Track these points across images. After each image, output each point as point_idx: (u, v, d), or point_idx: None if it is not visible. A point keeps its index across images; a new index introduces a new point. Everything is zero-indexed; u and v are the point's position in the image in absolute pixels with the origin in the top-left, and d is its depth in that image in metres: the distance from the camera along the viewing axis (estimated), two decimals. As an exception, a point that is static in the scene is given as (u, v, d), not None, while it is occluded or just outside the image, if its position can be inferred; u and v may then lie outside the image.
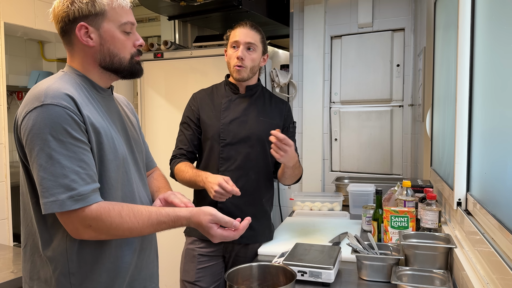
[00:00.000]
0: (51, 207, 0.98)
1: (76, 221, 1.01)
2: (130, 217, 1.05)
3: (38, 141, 0.99)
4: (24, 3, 2.55)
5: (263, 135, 1.76)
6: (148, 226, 1.07)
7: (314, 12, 2.91)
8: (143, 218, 1.07)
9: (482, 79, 1.27)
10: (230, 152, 1.76)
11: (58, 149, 0.99)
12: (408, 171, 2.78)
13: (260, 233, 1.83)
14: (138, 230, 1.07)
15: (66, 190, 0.98)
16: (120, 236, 1.08)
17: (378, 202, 1.76)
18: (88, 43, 1.11)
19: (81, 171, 1.01)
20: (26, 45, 4.28)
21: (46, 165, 0.98)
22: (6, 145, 2.49)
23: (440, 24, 1.94)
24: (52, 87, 1.04)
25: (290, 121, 1.91)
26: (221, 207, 1.76)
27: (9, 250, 1.96)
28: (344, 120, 2.93)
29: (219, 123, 1.77)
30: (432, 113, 2.09)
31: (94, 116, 1.08)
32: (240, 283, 1.28)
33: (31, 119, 1.00)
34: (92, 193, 1.02)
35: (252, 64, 1.77)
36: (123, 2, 1.13)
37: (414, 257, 1.39)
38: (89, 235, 1.05)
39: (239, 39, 1.75)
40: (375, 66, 2.83)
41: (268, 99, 1.88)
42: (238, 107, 1.80)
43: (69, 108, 1.02)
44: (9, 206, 2.48)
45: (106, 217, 1.03)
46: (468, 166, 1.39)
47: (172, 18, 3.09)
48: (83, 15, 1.09)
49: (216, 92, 1.86)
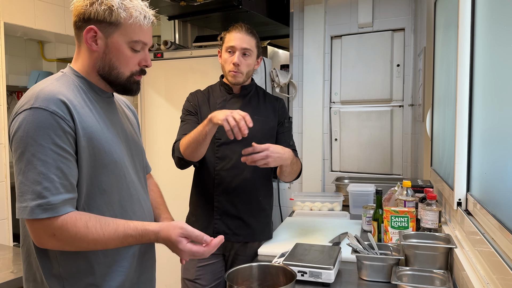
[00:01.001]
0: (22, 213, 0.98)
1: (41, 229, 0.99)
2: (96, 228, 1.02)
3: (21, 144, 0.98)
4: (24, 3, 2.55)
5: (258, 134, 1.76)
6: (113, 238, 1.04)
7: (314, 12, 2.91)
8: (110, 230, 1.03)
9: (482, 79, 1.27)
10: (226, 151, 1.77)
11: (37, 154, 0.97)
12: (408, 171, 2.78)
13: (258, 231, 1.83)
14: (103, 242, 1.03)
15: (37, 198, 0.97)
16: (84, 248, 1.04)
17: (378, 202, 1.76)
18: (92, 47, 1.10)
19: (56, 179, 0.98)
20: (26, 45, 4.28)
21: (25, 170, 0.98)
22: (6, 145, 2.49)
23: (440, 24, 1.94)
24: (45, 90, 1.02)
25: (285, 116, 1.92)
26: (218, 206, 1.77)
27: (9, 250, 1.96)
28: (344, 120, 2.93)
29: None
30: (432, 113, 2.09)
31: (88, 120, 1.07)
32: (240, 283, 1.28)
33: (18, 121, 1.00)
34: (62, 204, 0.99)
35: (248, 69, 1.79)
36: (142, 21, 1.11)
37: (414, 257, 1.39)
38: (53, 245, 1.01)
39: (235, 45, 1.75)
40: (375, 66, 2.83)
41: (262, 97, 1.89)
42: (233, 107, 1.80)
43: (57, 113, 1.00)
44: (9, 206, 2.48)
45: (72, 227, 1.00)
46: (468, 166, 1.39)
47: (172, 18, 3.09)
48: (97, 19, 1.08)
49: (212, 93, 1.88)
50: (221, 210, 1.79)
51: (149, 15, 1.13)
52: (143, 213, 1.22)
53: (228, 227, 1.78)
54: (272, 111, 1.88)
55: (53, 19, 2.71)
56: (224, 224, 1.78)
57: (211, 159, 1.78)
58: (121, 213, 1.14)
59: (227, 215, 1.79)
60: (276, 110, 1.89)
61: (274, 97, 1.93)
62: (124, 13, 1.08)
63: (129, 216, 1.16)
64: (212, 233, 1.78)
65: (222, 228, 1.78)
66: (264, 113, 1.85)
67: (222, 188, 1.78)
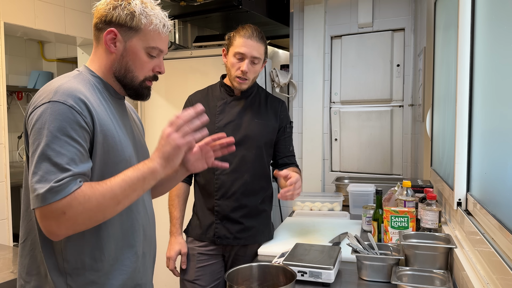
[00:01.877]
0: (35, 203, 0.97)
1: (50, 214, 0.97)
2: (101, 185, 1.01)
3: (38, 136, 1.00)
4: (24, 3, 2.55)
5: (258, 137, 1.76)
6: (120, 184, 1.02)
7: (314, 12, 2.91)
8: (115, 180, 1.02)
9: (482, 79, 1.27)
10: (225, 155, 1.73)
11: (52, 145, 0.98)
12: (408, 171, 2.78)
13: (259, 233, 1.83)
14: (112, 193, 1.01)
15: (48, 185, 0.96)
16: (96, 209, 1.00)
17: (378, 202, 1.76)
18: (110, 48, 1.13)
19: (72, 169, 0.98)
20: (26, 45, 4.29)
21: (39, 160, 0.98)
22: (6, 145, 2.49)
23: (440, 24, 1.94)
24: (64, 86, 1.05)
25: (287, 121, 1.89)
26: (218, 210, 1.76)
27: (9, 250, 1.96)
28: (344, 120, 2.93)
29: (214, 127, 1.75)
30: (432, 113, 2.09)
31: (104, 118, 1.09)
32: (240, 283, 1.28)
33: (36, 114, 1.01)
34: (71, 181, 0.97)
35: (255, 75, 1.76)
36: (161, 29, 1.15)
37: (414, 257, 1.39)
38: (64, 226, 0.98)
39: (246, 53, 1.70)
40: (375, 66, 2.83)
41: (264, 99, 1.86)
42: (233, 110, 1.78)
43: (74, 108, 1.02)
44: (9, 206, 2.48)
45: (79, 192, 0.98)
46: (468, 166, 1.39)
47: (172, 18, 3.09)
48: (118, 23, 1.12)
49: (212, 94, 1.84)
50: (222, 215, 1.77)
51: (168, 24, 1.18)
52: (146, 214, 1.23)
53: (229, 231, 1.77)
54: (274, 115, 1.85)
55: (53, 19, 2.71)
56: (225, 228, 1.77)
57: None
58: (126, 212, 1.14)
59: (227, 219, 1.77)
60: (277, 114, 1.86)
61: (276, 99, 1.89)
62: (145, 19, 1.13)
63: (134, 216, 1.17)
64: (213, 236, 1.78)
65: (223, 232, 1.77)
66: (265, 116, 1.82)
67: (222, 192, 1.76)
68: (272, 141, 1.84)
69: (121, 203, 1.04)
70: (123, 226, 1.14)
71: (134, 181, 1.04)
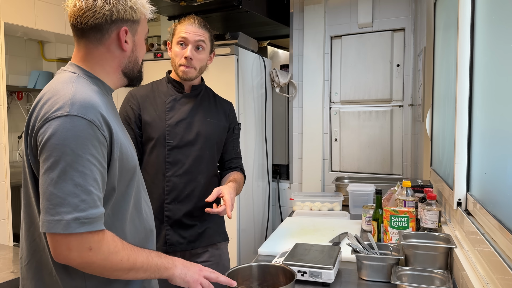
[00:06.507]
0: (54, 227, 0.90)
1: (74, 244, 0.92)
2: (129, 246, 1.03)
3: (55, 152, 0.92)
4: (24, 3, 2.55)
5: (211, 137, 1.68)
6: (143, 257, 1.04)
7: (314, 12, 2.92)
8: (140, 251, 1.05)
9: (482, 79, 1.27)
10: (177, 155, 1.63)
11: (75, 165, 0.92)
12: (408, 171, 2.78)
13: (214, 233, 1.73)
14: (133, 258, 1.02)
15: (74, 211, 0.91)
16: (114, 266, 0.99)
17: (378, 202, 1.76)
18: (125, 47, 1.09)
19: (93, 191, 0.94)
20: (26, 45, 4.29)
21: (57, 180, 0.91)
22: (6, 145, 2.49)
23: (440, 24, 1.94)
24: (78, 96, 0.98)
25: (235, 122, 1.82)
26: (169, 215, 1.63)
27: (9, 250, 1.96)
28: (344, 120, 2.93)
29: (164, 125, 1.63)
30: (432, 113, 2.09)
31: (115, 127, 1.05)
32: (240, 283, 1.28)
33: (51, 127, 0.93)
34: (100, 218, 0.95)
35: (200, 64, 1.66)
36: (148, 14, 1.16)
37: (414, 257, 1.39)
38: (82, 261, 0.94)
39: (188, 37, 1.62)
40: (375, 66, 2.83)
41: (212, 99, 1.77)
42: (184, 107, 1.68)
43: (94, 123, 0.96)
44: (9, 206, 2.48)
45: (111, 241, 0.97)
46: (468, 166, 1.39)
47: (172, 18, 3.09)
48: (125, 19, 1.07)
49: (158, 90, 1.71)
50: (173, 220, 1.64)
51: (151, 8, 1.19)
52: (149, 214, 1.21)
53: (181, 236, 1.65)
54: (224, 115, 1.77)
55: (53, 19, 2.71)
56: (177, 234, 1.64)
57: (161, 164, 1.63)
58: (137, 215, 1.13)
59: (179, 225, 1.64)
60: (227, 114, 1.78)
61: (224, 100, 1.82)
62: (143, 9, 1.12)
63: (142, 217, 1.15)
64: (164, 244, 1.63)
65: (175, 238, 1.64)
66: (216, 116, 1.74)
67: (173, 195, 1.63)
68: (223, 141, 1.77)
69: (130, 273, 1.03)
70: (139, 235, 1.14)
71: (152, 265, 1.06)
